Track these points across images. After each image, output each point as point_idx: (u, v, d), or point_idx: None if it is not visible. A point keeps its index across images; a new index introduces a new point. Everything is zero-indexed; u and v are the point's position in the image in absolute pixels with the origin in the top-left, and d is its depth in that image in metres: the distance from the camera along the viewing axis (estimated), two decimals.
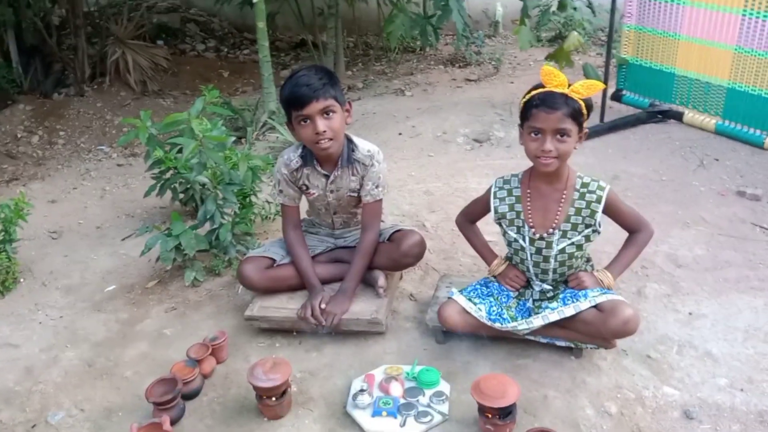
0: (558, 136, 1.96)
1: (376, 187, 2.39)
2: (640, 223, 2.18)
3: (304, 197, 2.52)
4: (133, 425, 1.89)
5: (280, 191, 2.46)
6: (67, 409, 2.14)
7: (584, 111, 1.97)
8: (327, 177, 2.38)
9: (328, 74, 2.26)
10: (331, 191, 2.41)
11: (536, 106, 1.95)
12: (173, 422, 1.98)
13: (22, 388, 2.25)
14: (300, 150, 2.40)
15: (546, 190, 2.11)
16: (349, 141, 2.37)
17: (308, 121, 2.21)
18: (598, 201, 2.05)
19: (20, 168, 4.55)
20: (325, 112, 2.20)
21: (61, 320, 2.64)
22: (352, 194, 2.41)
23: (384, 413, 1.94)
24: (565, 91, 1.95)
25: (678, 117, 4.18)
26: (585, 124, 2.01)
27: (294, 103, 2.20)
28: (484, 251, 2.36)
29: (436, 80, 5.75)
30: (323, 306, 2.29)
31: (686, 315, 2.35)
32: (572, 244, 2.10)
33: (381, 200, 2.42)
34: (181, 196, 3.12)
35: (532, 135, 1.99)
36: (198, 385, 2.14)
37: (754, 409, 1.91)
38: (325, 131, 2.20)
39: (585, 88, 1.96)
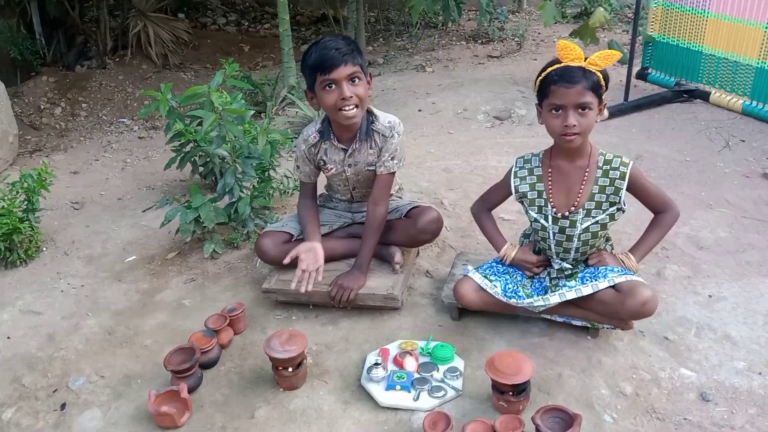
0: (580, 110, 1.92)
1: (392, 159, 2.34)
2: (665, 203, 2.12)
3: (322, 174, 2.51)
4: (152, 392, 1.93)
5: (297, 167, 2.47)
6: (88, 375, 2.18)
7: (603, 83, 1.93)
8: (345, 151, 2.37)
9: (353, 42, 2.23)
10: (349, 165, 2.39)
11: (554, 82, 1.92)
12: (191, 390, 2.02)
13: (44, 354, 2.30)
14: (318, 125, 2.39)
15: (568, 168, 2.07)
16: (369, 113, 2.33)
17: (334, 86, 2.17)
18: (622, 178, 2.02)
19: (43, 139, 4.60)
20: (352, 78, 2.17)
21: (83, 289, 2.69)
22: (370, 168, 2.39)
23: (398, 387, 1.96)
24: (582, 64, 1.92)
25: (704, 97, 4.09)
26: (604, 96, 1.97)
27: (321, 66, 2.15)
28: (495, 237, 2.30)
29: (457, 56, 5.68)
30: (303, 249, 2.29)
31: (706, 297, 2.32)
32: (596, 222, 2.07)
33: (394, 173, 2.38)
34: (201, 169, 3.14)
35: (553, 112, 1.95)
36: (215, 354, 2.17)
37: None
38: (351, 96, 2.17)
39: (602, 59, 1.92)
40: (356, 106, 2.20)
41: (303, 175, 2.47)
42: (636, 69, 4.37)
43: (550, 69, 1.96)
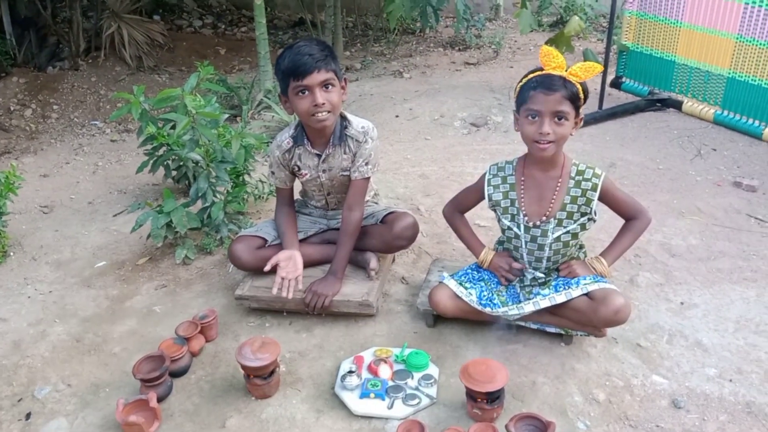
0: (556, 119, 1.92)
1: (366, 164, 2.32)
2: (636, 210, 2.13)
3: (297, 180, 2.49)
4: (120, 401, 1.89)
5: (272, 173, 2.44)
6: (54, 383, 2.12)
7: (582, 95, 1.94)
8: (319, 156, 2.35)
9: (327, 47, 2.21)
10: (323, 171, 2.37)
11: (534, 88, 1.92)
12: (160, 399, 1.97)
13: (9, 362, 2.24)
14: (291, 130, 2.37)
15: (541, 177, 2.08)
16: (343, 118, 2.32)
17: (306, 92, 2.15)
18: (594, 189, 2.03)
19: (12, 141, 4.49)
20: (325, 84, 2.15)
21: (50, 295, 2.63)
22: (345, 174, 2.37)
23: (372, 395, 1.94)
24: (563, 74, 1.92)
25: (677, 106, 4.16)
26: (581, 110, 1.98)
27: (294, 72, 2.13)
28: (472, 242, 2.31)
29: (435, 63, 5.70)
30: (283, 258, 2.28)
31: (678, 304, 2.35)
32: (567, 232, 2.08)
33: (368, 178, 2.36)
34: (174, 173, 3.09)
35: (529, 118, 1.95)
36: (186, 362, 2.13)
37: (742, 399, 1.91)
38: (323, 103, 2.15)
39: (583, 71, 1.93)
40: (329, 112, 2.18)
41: (278, 181, 2.44)
42: (610, 78, 4.42)
43: (531, 75, 1.96)
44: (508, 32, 6.42)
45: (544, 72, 1.94)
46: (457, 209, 2.33)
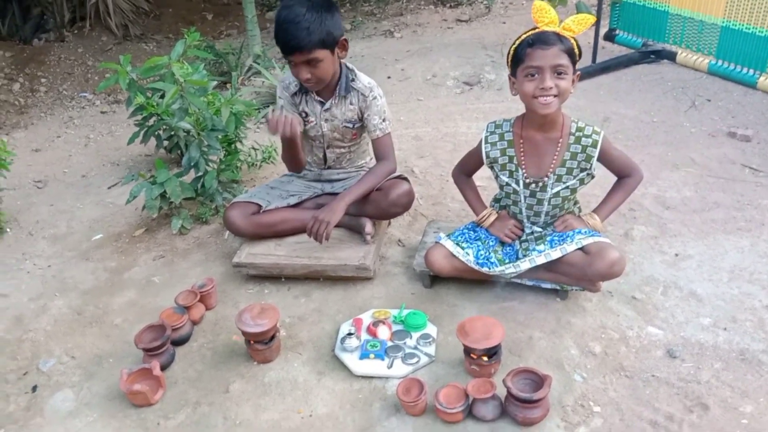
0: (556, 74, 1.90)
1: (383, 121, 2.36)
2: (630, 167, 2.15)
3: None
4: (124, 371, 1.92)
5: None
6: (58, 356, 2.15)
7: (576, 50, 1.93)
8: (322, 104, 2.36)
9: (318, 10, 2.11)
10: (326, 120, 2.38)
11: (530, 45, 1.90)
12: (163, 368, 2.00)
13: (13, 336, 2.26)
14: None
15: (540, 139, 2.06)
16: (350, 70, 2.34)
17: (294, 63, 2.19)
18: (594, 145, 2.02)
19: (2, 116, 4.44)
20: (309, 62, 2.16)
21: (49, 269, 2.64)
22: (348, 125, 2.38)
23: (371, 356, 1.97)
24: (557, 29, 1.90)
25: (671, 57, 4.11)
26: (577, 66, 1.96)
27: (282, 47, 2.16)
28: (475, 203, 2.32)
29: (426, 21, 5.61)
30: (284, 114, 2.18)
31: (672, 256, 2.37)
32: (567, 188, 2.08)
33: (390, 133, 2.40)
34: (166, 143, 3.07)
35: (529, 76, 1.92)
36: (187, 331, 2.15)
37: (737, 347, 1.94)
38: (308, 78, 2.18)
39: (576, 24, 1.91)
40: (315, 83, 2.22)
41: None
42: (603, 30, 4.36)
43: (524, 35, 1.94)
44: None
45: (537, 30, 1.91)
46: (462, 172, 2.34)
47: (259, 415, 1.85)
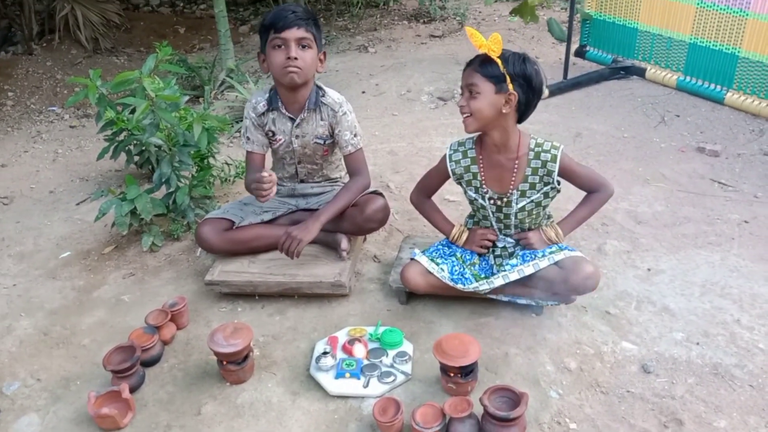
0: (468, 93, 1.98)
1: (354, 136, 2.37)
2: (597, 183, 2.14)
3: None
4: (92, 394, 1.86)
5: (248, 138, 2.40)
6: (23, 378, 2.08)
7: (503, 69, 1.93)
8: (293, 121, 2.34)
9: (313, 15, 2.28)
10: (297, 136, 2.37)
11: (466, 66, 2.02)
12: (133, 390, 1.95)
13: None
14: (267, 94, 2.37)
15: (498, 159, 2.09)
16: (318, 87, 2.36)
17: (282, 46, 2.19)
18: (553, 160, 2.03)
19: None
20: (302, 43, 2.20)
21: (15, 288, 2.56)
22: (319, 141, 2.37)
23: (347, 375, 1.94)
24: (484, 50, 1.95)
25: (640, 73, 4.19)
26: (511, 87, 1.95)
27: (274, 25, 2.18)
28: (443, 224, 2.31)
29: (400, 36, 5.64)
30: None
31: (645, 271, 2.39)
32: (531, 201, 2.10)
33: (361, 149, 2.41)
34: (136, 158, 3.02)
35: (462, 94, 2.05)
36: (158, 351, 2.10)
37: (709, 361, 1.96)
38: (296, 58, 2.20)
39: (493, 42, 1.95)
40: (300, 69, 2.21)
41: (255, 145, 2.40)
42: (575, 47, 4.43)
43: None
44: (473, 3, 6.38)
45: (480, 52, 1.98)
46: (423, 194, 2.33)
47: None
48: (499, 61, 1.93)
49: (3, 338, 2.28)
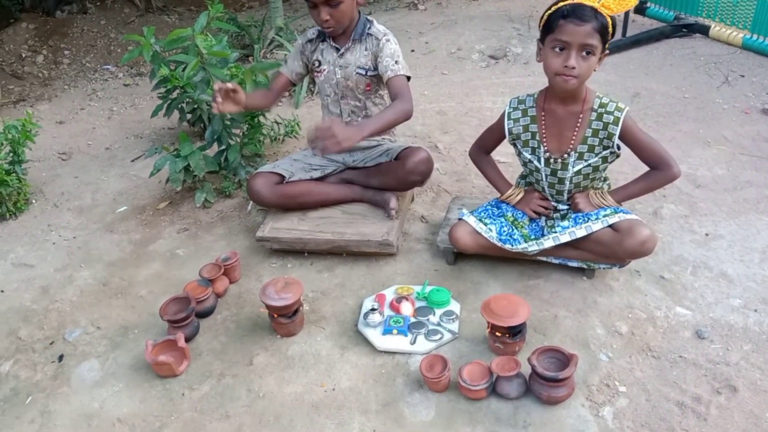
0: (583, 53, 1.83)
1: (396, 62, 2.30)
2: (662, 160, 2.01)
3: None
4: (149, 342, 1.93)
5: (285, 62, 2.50)
6: (84, 326, 2.18)
7: (611, 29, 1.85)
8: (338, 50, 2.38)
9: None
10: (340, 66, 2.38)
11: (564, 17, 1.81)
12: (188, 339, 2.02)
13: (39, 306, 2.29)
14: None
15: (561, 112, 2.01)
16: (367, 20, 2.37)
17: (315, 7, 2.25)
18: (615, 122, 1.95)
19: (26, 89, 4.48)
20: (329, 2, 2.22)
21: (75, 241, 2.66)
22: (360, 71, 2.37)
23: (395, 331, 1.96)
24: (595, 4, 1.82)
25: (704, 31, 3.99)
26: (607, 45, 1.88)
27: None
28: (499, 181, 2.27)
29: None
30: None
31: (703, 236, 2.31)
32: (588, 165, 2.03)
33: (404, 77, 2.29)
34: (189, 116, 3.06)
35: (556, 50, 1.86)
36: (211, 303, 2.16)
37: (767, 329, 1.90)
38: (327, 20, 2.25)
39: (616, 3, 1.83)
40: (333, 26, 2.28)
41: (286, 69, 2.49)
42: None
43: (561, 3, 1.85)
44: None
45: (575, 1, 1.83)
46: (481, 150, 2.29)
47: (283, 387, 1.85)
48: (610, 21, 1.83)
49: (65, 288, 2.38)
